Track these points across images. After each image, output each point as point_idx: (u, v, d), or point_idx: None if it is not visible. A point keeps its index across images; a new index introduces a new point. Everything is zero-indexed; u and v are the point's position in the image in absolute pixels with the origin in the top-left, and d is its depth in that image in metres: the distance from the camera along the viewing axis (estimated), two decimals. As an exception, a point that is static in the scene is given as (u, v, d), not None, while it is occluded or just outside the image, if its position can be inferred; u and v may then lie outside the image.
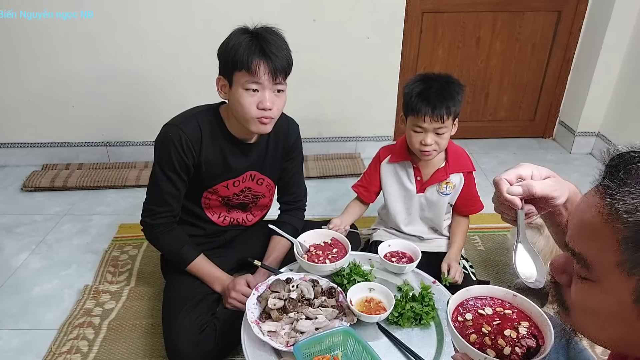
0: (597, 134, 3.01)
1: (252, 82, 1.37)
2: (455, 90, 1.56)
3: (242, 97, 1.39)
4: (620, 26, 2.67)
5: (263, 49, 1.36)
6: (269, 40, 1.37)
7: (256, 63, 1.35)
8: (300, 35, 2.64)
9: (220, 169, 1.57)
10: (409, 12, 2.72)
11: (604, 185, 0.58)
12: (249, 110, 1.40)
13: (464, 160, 1.72)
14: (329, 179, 2.79)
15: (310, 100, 2.85)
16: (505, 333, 0.86)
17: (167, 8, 2.53)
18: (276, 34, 1.42)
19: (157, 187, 1.52)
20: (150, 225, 1.57)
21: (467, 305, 0.92)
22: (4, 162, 2.89)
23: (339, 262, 1.41)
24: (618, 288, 0.57)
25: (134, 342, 1.69)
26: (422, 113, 1.54)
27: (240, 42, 1.36)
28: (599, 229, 0.58)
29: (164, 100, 2.74)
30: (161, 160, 1.49)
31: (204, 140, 1.50)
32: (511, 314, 0.90)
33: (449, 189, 1.70)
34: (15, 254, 2.15)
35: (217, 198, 1.65)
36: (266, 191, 1.72)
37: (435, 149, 1.60)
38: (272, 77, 1.38)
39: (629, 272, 0.55)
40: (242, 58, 1.35)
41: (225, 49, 1.39)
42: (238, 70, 1.37)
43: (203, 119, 1.51)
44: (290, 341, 1.19)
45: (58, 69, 2.64)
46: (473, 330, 0.86)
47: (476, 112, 3.15)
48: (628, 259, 0.55)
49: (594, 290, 0.61)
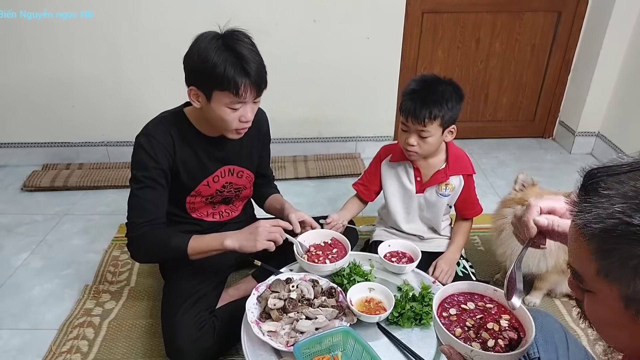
0: (597, 134, 3.01)
1: (236, 102, 1.38)
2: (447, 97, 1.53)
3: (224, 113, 1.39)
4: (620, 26, 2.67)
5: (246, 70, 1.33)
6: (248, 58, 1.34)
7: (242, 86, 1.34)
8: (300, 35, 2.66)
9: (197, 169, 1.57)
10: (409, 13, 2.72)
11: (572, 202, 0.64)
12: (231, 124, 1.42)
13: (464, 163, 1.72)
14: (329, 179, 2.79)
15: (310, 100, 2.86)
16: (488, 326, 0.92)
17: (167, 8, 2.53)
18: (248, 44, 1.37)
19: (136, 197, 1.47)
20: (132, 238, 1.47)
21: (450, 301, 0.98)
22: (4, 162, 2.89)
23: (339, 262, 1.42)
24: (608, 296, 0.60)
25: (134, 341, 1.69)
26: (404, 112, 1.57)
27: (220, 60, 1.31)
28: (576, 243, 0.63)
29: (164, 100, 2.72)
30: (137, 170, 1.46)
31: (176, 143, 1.50)
32: (492, 308, 0.96)
33: (448, 191, 1.70)
34: (15, 254, 2.15)
35: (201, 200, 1.66)
36: (247, 182, 1.74)
37: (417, 150, 1.60)
38: (256, 95, 1.40)
39: (608, 280, 0.59)
40: (227, 80, 1.32)
41: (200, 62, 1.34)
42: (220, 90, 1.35)
43: (170, 123, 1.51)
44: (290, 341, 1.19)
45: (58, 69, 2.64)
46: (458, 325, 0.92)
47: (476, 112, 3.15)
48: (602, 267, 0.59)
49: (595, 301, 0.64)
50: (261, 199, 1.84)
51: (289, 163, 2.89)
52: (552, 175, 2.83)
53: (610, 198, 0.58)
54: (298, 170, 2.83)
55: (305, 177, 2.79)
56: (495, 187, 2.69)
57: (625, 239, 0.56)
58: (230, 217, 1.78)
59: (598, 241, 0.58)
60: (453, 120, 1.58)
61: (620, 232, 0.56)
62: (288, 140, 2.97)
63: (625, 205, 0.56)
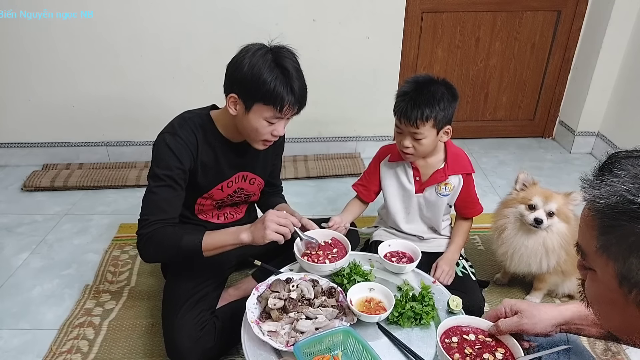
0: (597, 133, 3.01)
1: (275, 117, 1.40)
2: (438, 97, 1.52)
3: (261, 126, 1.41)
4: (620, 26, 2.67)
5: (293, 89, 1.35)
6: (295, 77, 1.36)
7: (287, 105, 1.37)
8: (300, 35, 2.65)
9: (214, 172, 1.57)
10: (409, 12, 2.72)
11: (586, 179, 0.66)
12: (262, 135, 1.44)
13: (463, 162, 1.71)
14: (329, 178, 2.79)
15: (310, 100, 2.81)
16: (484, 356, 1.04)
17: (167, 8, 2.53)
18: (295, 62, 1.40)
19: (153, 194, 1.45)
20: (143, 235, 1.43)
21: (455, 331, 1.12)
22: (4, 162, 2.89)
23: (339, 262, 1.42)
24: (605, 273, 0.64)
25: (134, 341, 1.69)
26: (397, 114, 1.57)
27: (271, 77, 1.33)
28: (585, 220, 0.66)
29: (164, 100, 2.74)
30: (159, 168, 1.45)
31: (199, 144, 1.50)
32: (491, 342, 1.09)
33: (447, 190, 1.70)
34: (15, 254, 2.15)
35: (210, 203, 1.66)
36: (257, 189, 1.75)
37: (413, 152, 1.60)
38: (295, 113, 1.43)
39: (606, 256, 0.62)
40: (274, 97, 1.34)
41: (250, 74, 1.34)
42: (264, 104, 1.37)
43: (196, 124, 1.51)
44: (290, 341, 1.19)
45: (58, 69, 2.64)
46: (456, 351, 1.05)
47: (476, 112, 3.15)
48: (602, 243, 0.62)
49: (594, 279, 0.68)
50: (267, 207, 1.78)
51: (289, 163, 2.89)
52: (552, 174, 2.83)
53: (620, 178, 0.61)
54: (298, 170, 2.83)
55: (305, 176, 2.79)
56: (496, 186, 2.69)
57: (626, 216, 0.58)
58: (235, 219, 1.79)
59: (602, 217, 0.61)
60: (447, 120, 1.57)
61: (622, 209, 0.58)
62: (288, 140, 2.92)
63: (632, 185, 0.59)
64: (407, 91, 1.55)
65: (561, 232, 1.64)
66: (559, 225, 1.64)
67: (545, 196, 1.63)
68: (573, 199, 1.62)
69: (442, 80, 1.57)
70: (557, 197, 1.63)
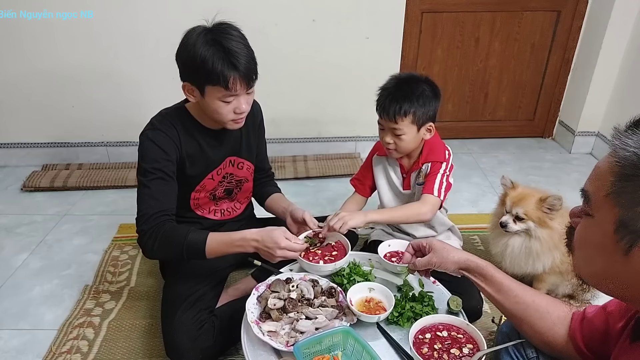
0: (596, 133, 3.01)
1: (228, 95, 1.39)
2: (418, 93, 1.52)
3: (219, 107, 1.42)
4: (620, 26, 2.67)
5: (234, 64, 1.34)
6: (236, 51, 1.35)
7: (232, 80, 1.35)
8: (300, 35, 2.66)
9: (202, 161, 1.58)
10: (409, 12, 2.72)
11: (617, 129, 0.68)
12: (226, 116, 1.44)
13: (437, 151, 1.67)
14: (328, 178, 2.79)
15: (310, 100, 2.86)
16: (452, 351, 1.13)
17: (167, 8, 2.53)
18: (237, 37, 1.39)
19: (146, 188, 1.46)
20: (144, 231, 1.42)
21: (430, 328, 1.20)
22: (4, 162, 2.89)
23: (339, 262, 1.42)
24: (605, 219, 0.67)
25: (133, 342, 1.69)
26: (377, 110, 1.58)
27: (208, 55, 1.33)
28: (602, 169, 0.69)
29: (163, 100, 2.72)
30: (146, 163, 1.47)
31: (181, 136, 1.52)
32: (461, 338, 1.17)
33: (421, 178, 1.69)
34: (15, 254, 2.15)
35: (205, 195, 1.67)
36: (248, 174, 1.75)
37: (395, 148, 1.60)
38: (247, 87, 1.41)
39: (614, 202, 0.65)
40: (216, 75, 1.34)
41: (189, 58, 1.35)
42: (212, 85, 1.37)
43: (174, 117, 1.53)
44: (290, 341, 1.19)
45: (58, 69, 2.64)
46: (427, 346, 1.15)
47: (475, 112, 3.15)
48: (616, 188, 0.65)
49: (589, 224, 0.72)
50: (262, 198, 1.85)
51: (288, 163, 2.89)
52: (552, 174, 2.83)
53: None
54: (297, 170, 2.83)
55: (305, 177, 2.79)
56: (495, 186, 2.69)
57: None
58: (232, 215, 1.79)
59: (624, 164, 0.64)
60: (429, 117, 1.57)
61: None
62: (288, 140, 2.97)
63: None
64: (387, 87, 1.57)
65: (541, 237, 1.65)
66: (539, 230, 1.64)
67: (516, 200, 1.65)
68: (549, 204, 1.60)
69: (424, 78, 1.58)
70: (528, 201, 1.63)
